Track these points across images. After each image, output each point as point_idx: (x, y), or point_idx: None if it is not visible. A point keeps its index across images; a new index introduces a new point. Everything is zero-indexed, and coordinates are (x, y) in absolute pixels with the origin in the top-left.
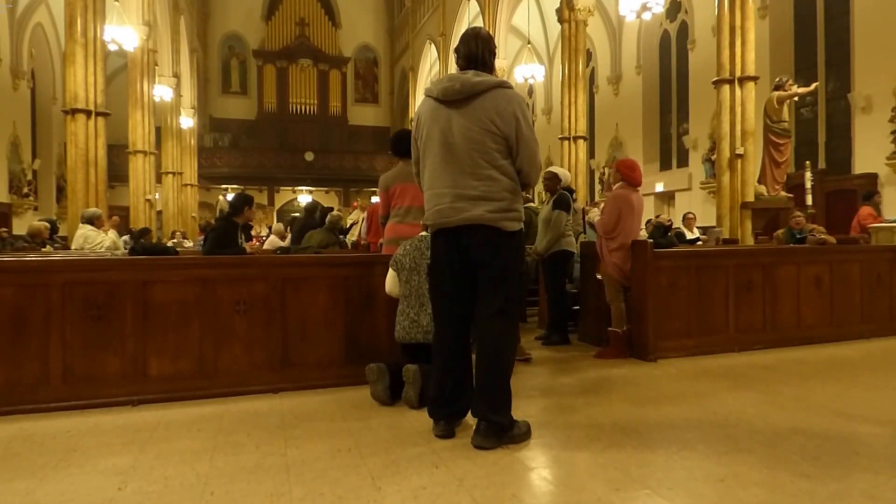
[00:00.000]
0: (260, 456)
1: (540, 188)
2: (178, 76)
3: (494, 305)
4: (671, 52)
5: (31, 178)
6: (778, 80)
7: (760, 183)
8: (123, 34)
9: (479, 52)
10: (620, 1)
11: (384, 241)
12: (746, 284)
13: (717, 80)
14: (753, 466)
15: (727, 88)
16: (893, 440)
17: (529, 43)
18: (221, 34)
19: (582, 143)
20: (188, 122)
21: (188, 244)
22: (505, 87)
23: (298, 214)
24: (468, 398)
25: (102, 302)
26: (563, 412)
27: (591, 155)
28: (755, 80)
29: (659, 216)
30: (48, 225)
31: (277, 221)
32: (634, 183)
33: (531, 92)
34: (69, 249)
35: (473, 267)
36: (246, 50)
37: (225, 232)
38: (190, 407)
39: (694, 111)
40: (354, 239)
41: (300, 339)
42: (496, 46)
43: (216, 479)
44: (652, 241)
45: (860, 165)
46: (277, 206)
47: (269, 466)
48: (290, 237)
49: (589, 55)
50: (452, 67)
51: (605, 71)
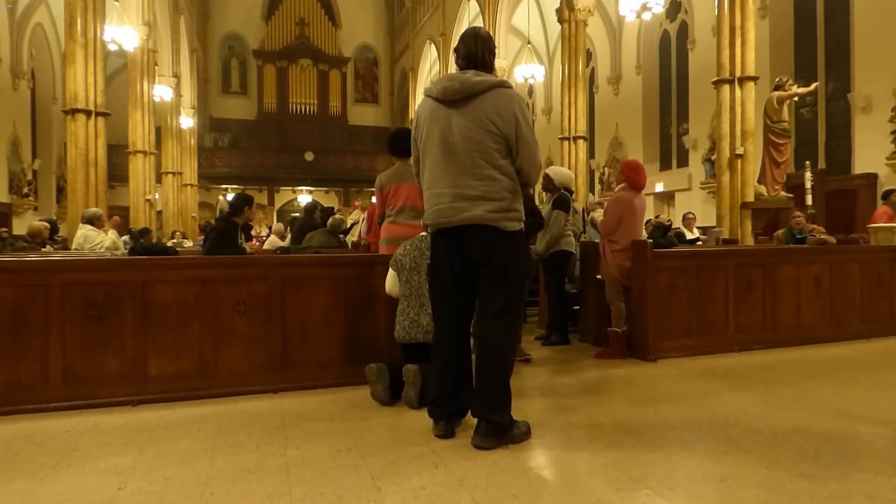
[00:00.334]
0: (260, 456)
1: (540, 188)
2: (178, 76)
3: (494, 305)
4: (671, 52)
5: (31, 178)
6: (778, 80)
7: (760, 183)
8: (123, 34)
9: (478, 51)
10: (620, 1)
11: (380, 240)
12: (746, 284)
13: (716, 80)
14: (753, 466)
15: (727, 88)
16: (893, 440)
17: (529, 43)
18: (221, 34)
19: (582, 143)
20: (188, 122)
21: (188, 244)
22: (504, 86)
23: (298, 214)
24: (468, 398)
25: (102, 302)
26: (563, 412)
27: (591, 155)
28: (755, 80)
29: (659, 216)
30: (48, 225)
31: (277, 221)
32: (638, 186)
33: (531, 92)
34: (69, 249)
35: (473, 267)
36: (246, 50)
37: (225, 232)
38: (190, 407)
39: (694, 111)
40: (355, 239)
41: (300, 339)
42: (496, 46)
43: (216, 479)
44: (652, 241)
45: (860, 165)
46: (277, 206)
47: (269, 466)
48: (289, 237)
49: (589, 55)
50: (452, 67)
51: (604, 71)
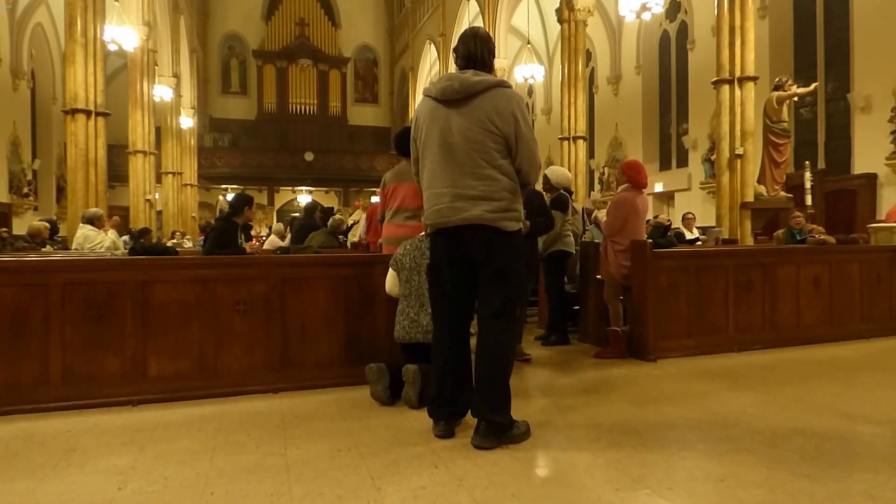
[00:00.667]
0: (260, 456)
1: (539, 189)
2: (177, 76)
3: (494, 305)
4: (671, 52)
5: (31, 178)
6: (777, 80)
7: (760, 183)
8: (123, 34)
9: (477, 51)
10: (620, 1)
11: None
12: (746, 285)
13: (716, 80)
14: (753, 466)
15: (727, 88)
16: (893, 440)
17: (529, 43)
18: (221, 34)
19: (581, 143)
20: (188, 122)
21: (188, 244)
22: (504, 86)
23: (298, 214)
24: (468, 398)
25: (102, 302)
26: (562, 412)
27: (590, 155)
28: (755, 80)
29: (658, 216)
30: (48, 225)
31: (277, 221)
32: (640, 185)
33: (531, 92)
34: (69, 249)
35: (473, 267)
36: (246, 50)
37: (225, 232)
38: (190, 407)
39: (693, 111)
40: (356, 239)
41: (300, 339)
42: (495, 46)
43: (216, 479)
44: (651, 241)
45: (860, 165)
46: (277, 206)
47: (269, 466)
48: (289, 237)
49: (588, 55)
50: (452, 67)
51: (604, 71)
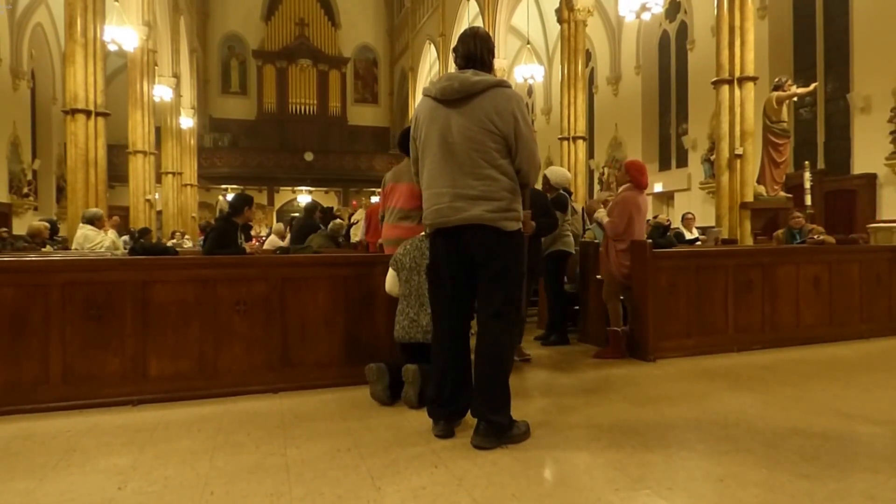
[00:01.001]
0: (260, 456)
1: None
2: (177, 76)
3: (493, 305)
4: (670, 52)
5: (31, 178)
6: (777, 80)
7: (759, 183)
8: (123, 34)
9: (477, 51)
10: (620, 1)
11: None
12: (746, 285)
13: (716, 80)
14: (753, 466)
15: (726, 89)
16: (893, 440)
17: (529, 43)
18: (221, 34)
19: (581, 143)
20: (188, 122)
21: (188, 244)
22: (503, 86)
23: (298, 214)
24: (467, 398)
25: (102, 302)
26: (562, 412)
27: (590, 155)
28: (754, 80)
29: (658, 216)
30: (48, 225)
31: (277, 221)
32: (642, 186)
33: (530, 92)
34: (69, 249)
35: (472, 267)
36: (246, 50)
37: (225, 232)
38: (190, 407)
39: (693, 111)
40: (358, 239)
41: (300, 338)
42: (494, 46)
43: (216, 479)
44: (651, 241)
45: (859, 166)
46: (277, 206)
47: (269, 466)
48: (289, 237)
49: (588, 55)
50: (452, 67)
51: (604, 71)
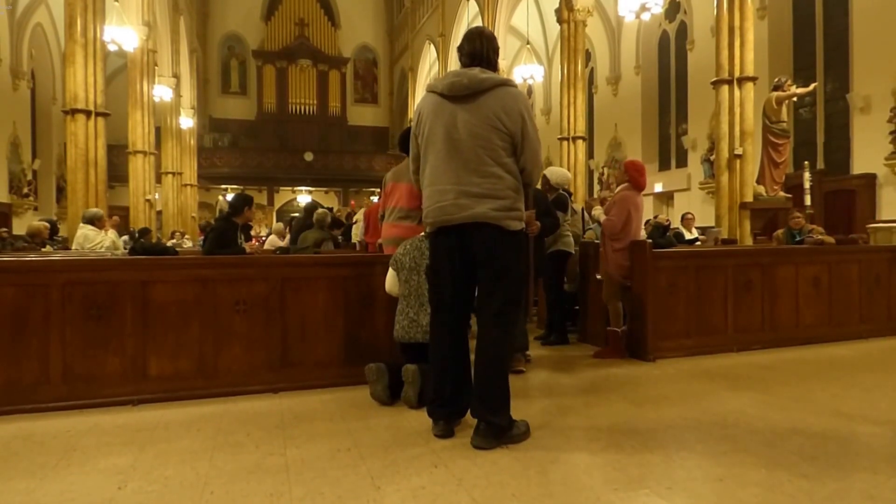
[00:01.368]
0: (260, 456)
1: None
2: (177, 76)
3: (494, 306)
4: (670, 52)
5: (31, 178)
6: (777, 80)
7: (759, 183)
8: (123, 34)
9: (483, 50)
10: (619, 1)
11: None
12: (745, 285)
13: (715, 80)
14: (752, 466)
15: (726, 89)
16: (892, 440)
17: (528, 43)
18: (221, 34)
19: (581, 143)
20: (188, 122)
21: (188, 244)
22: (510, 85)
23: (298, 214)
24: (467, 398)
25: (102, 302)
26: (561, 412)
27: (589, 155)
28: (754, 80)
29: (657, 216)
30: (47, 225)
31: (277, 221)
32: (640, 186)
33: (530, 92)
34: (69, 249)
35: (473, 266)
36: (245, 50)
37: (224, 232)
38: (190, 407)
39: (693, 111)
40: (358, 240)
41: (300, 338)
42: (499, 46)
43: (216, 478)
44: (651, 241)
45: (859, 166)
46: (277, 206)
47: (268, 466)
48: (289, 237)
49: (588, 55)
50: (451, 68)
51: (604, 71)
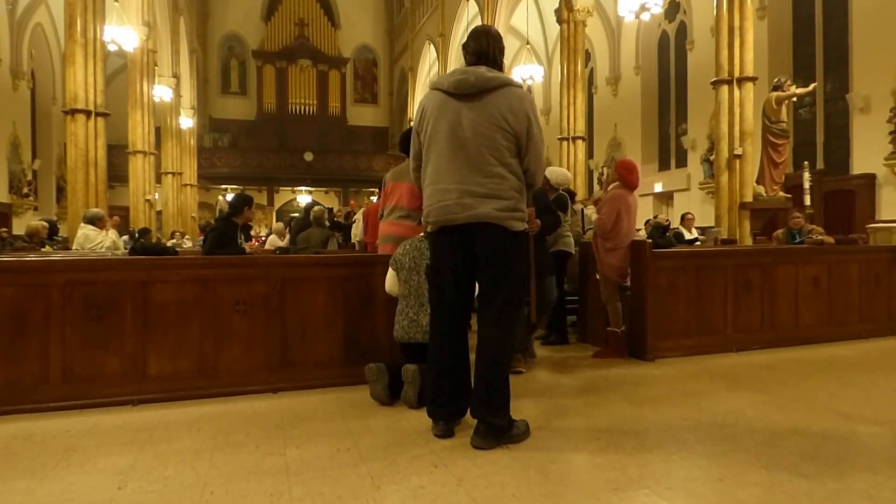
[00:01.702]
0: (259, 456)
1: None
2: (177, 76)
3: (495, 306)
4: (670, 52)
5: (31, 178)
6: (776, 80)
7: (759, 183)
8: (123, 34)
9: (489, 49)
10: (619, 1)
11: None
12: (745, 285)
13: (715, 80)
14: (752, 466)
15: (726, 89)
16: (892, 440)
17: (528, 43)
18: (221, 34)
19: (581, 143)
20: (188, 122)
21: (188, 244)
22: (515, 85)
23: (297, 214)
24: (467, 398)
25: (102, 302)
26: (561, 412)
27: (589, 155)
28: (754, 80)
29: (657, 216)
30: (46, 224)
31: (277, 221)
32: (631, 185)
33: (530, 92)
34: (69, 249)
35: (475, 266)
36: (245, 50)
37: (224, 232)
38: (190, 407)
39: (692, 111)
40: (358, 240)
41: (300, 338)
42: (504, 46)
43: (216, 478)
44: (651, 241)
45: (858, 166)
46: (277, 206)
47: (268, 466)
48: (288, 237)
49: (588, 56)
50: (451, 68)
51: (603, 71)
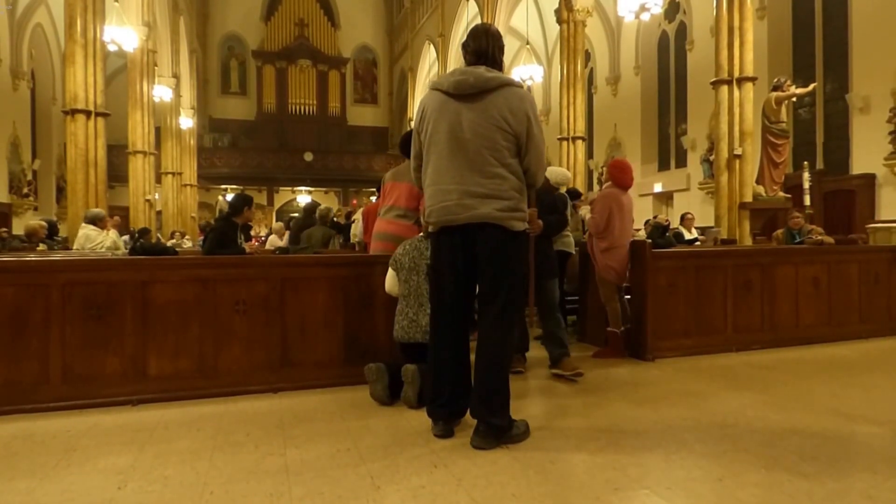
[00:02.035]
0: (259, 456)
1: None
2: (177, 77)
3: (495, 306)
4: (670, 52)
5: (31, 178)
6: (776, 80)
7: (759, 183)
8: (123, 34)
9: (489, 48)
10: (619, 1)
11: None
12: (745, 285)
13: (715, 80)
14: (751, 466)
15: (725, 89)
16: (891, 440)
17: (528, 43)
18: (221, 35)
19: (580, 143)
20: (188, 122)
21: (188, 244)
22: (515, 85)
23: (297, 214)
24: (467, 398)
25: (102, 302)
26: (561, 412)
27: (589, 155)
28: (753, 80)
29: (657, 216)
30: (44, 224)
31: (277, 221)
32: (623, 185)
33: (529, 92)
34: (70, 249)
35: (475, 266)
36: (245, 50)
37: (224, 232)
38: (190, 407)
39: (692, 112)
40: (357, 240)
41: (300, 338)
42: (504, 45)
43: (216, 478)
44: (650, 241)
45: (858, 166)
46: (277, 206)
47: (268, 466)
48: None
49: (587, 56)
50: (451, 68)
51: (603, 71)
